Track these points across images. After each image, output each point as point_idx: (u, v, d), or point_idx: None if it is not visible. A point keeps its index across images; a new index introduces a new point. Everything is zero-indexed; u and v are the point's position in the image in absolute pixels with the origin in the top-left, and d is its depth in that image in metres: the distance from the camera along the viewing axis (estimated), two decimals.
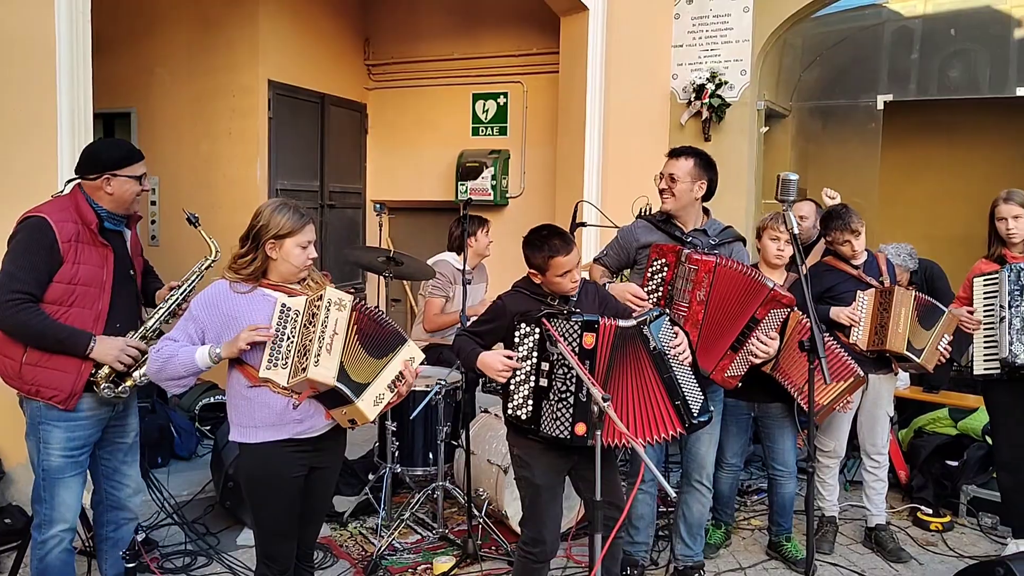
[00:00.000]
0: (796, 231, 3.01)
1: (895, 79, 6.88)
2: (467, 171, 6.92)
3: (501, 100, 7.04)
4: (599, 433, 2.47)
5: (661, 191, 3.50)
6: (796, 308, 3.64)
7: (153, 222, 6.61)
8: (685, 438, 3.23)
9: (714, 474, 4.15)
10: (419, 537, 4.28)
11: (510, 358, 2.91)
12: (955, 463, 4.74)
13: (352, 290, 2.87)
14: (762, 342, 3.30)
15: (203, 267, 3.26)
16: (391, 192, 7.50)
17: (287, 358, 2.65)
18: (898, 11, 7.49)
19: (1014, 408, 3.96)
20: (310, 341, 2.61)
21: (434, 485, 4.25)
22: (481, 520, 4.16)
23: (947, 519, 4.54)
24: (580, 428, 2.77)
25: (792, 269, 3.85)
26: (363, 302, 2.79)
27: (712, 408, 3.03)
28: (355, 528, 4.40)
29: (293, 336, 2.66)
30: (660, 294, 3.33)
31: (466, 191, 6.87)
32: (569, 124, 6.20)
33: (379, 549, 3.98)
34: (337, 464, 3.03)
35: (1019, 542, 4.12)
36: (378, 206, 5.95)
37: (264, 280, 2.79)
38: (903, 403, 5.49)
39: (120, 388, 3.05)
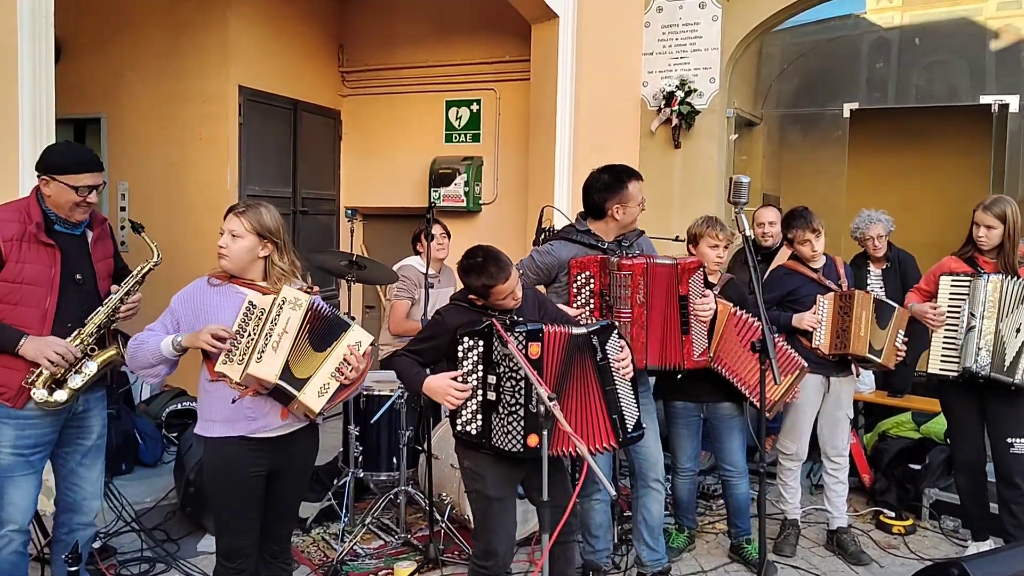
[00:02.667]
0: (749, 232, 3.02)
1: (868, 88, 6.96)
2: (440, 178, 6.93)
3: (474, 107, 7.06)
4: (545, 433, 2.48)
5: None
6: (739, 307, 3.71)
7: (122, 228, 6.57)
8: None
9: (672, 481, 4.19)
10: (382, 543, 4.27)
11: (456, 379, 2.85)
12: (918, 466, 4.77)
13: (307, 290, 2.86)
14: (700, 307, 3.47)
15: (143, 271, 3.22)
16: (365, 199, 7.49)
17: (243, 354, 2.67)
18: (875, 22, 7.59)
19: (970, 411, 3.99)
20: (261, 338, 2.63)
21: (396, 490, 4.24)
22: (444, 525, 4.15)
23: (910, 522, 4.56)
24: (532, 440, 2.73)
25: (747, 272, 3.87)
26: (319, 302, 2.79)
27: (646, 424, 3.05)
28: (318, 534, 4.37)
29: (253, 333, 2.68)
30: (593, 306, 3.36)
31: (439, 197, 6.88)
32: (540, 131, 6.23)
33: (339, 554, 3.96)
34: (303, 469, 3.03)
35: (979, 544, 4.15)
36: (349, 212, 5.96)
37: (238, 278, 2.81)
38: (868, 407, 5.54)
39: (54, 396, 2.98)
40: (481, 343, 2.83)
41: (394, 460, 4.34)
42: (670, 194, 6.19)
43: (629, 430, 2.90)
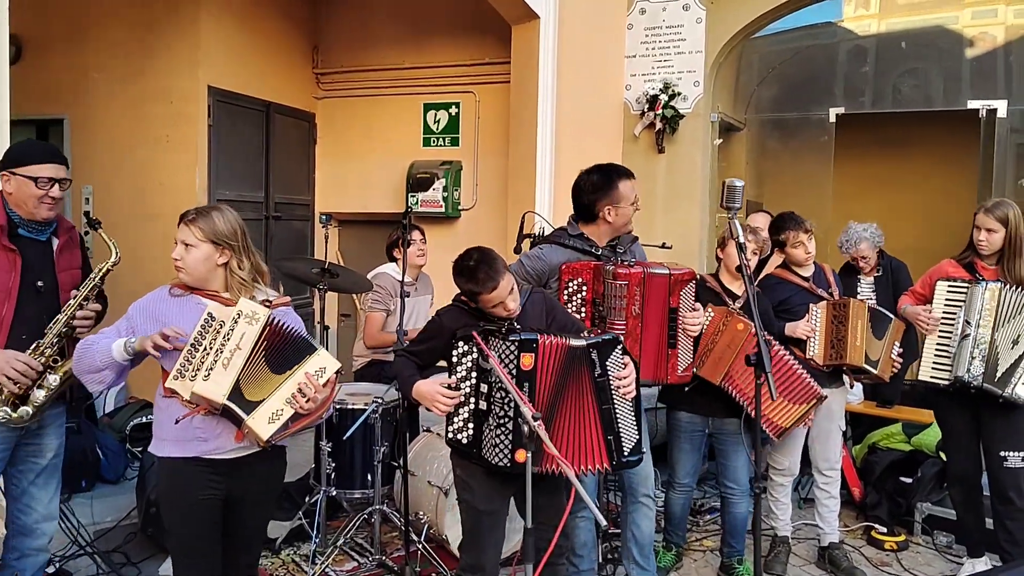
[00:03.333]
0: (742, 240, 2.88)
1: (849, 94, 6.88)
2: (418, 182, 6.74)
3: (453, 110, 6.89)
4: (529, 455, 2.31)
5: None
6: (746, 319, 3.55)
7: (86, 233, 6.31)
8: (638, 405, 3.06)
9: (666, 495, 4.03)
10: (355, 564, 4.06)
11: (449, 387, 2.73)
12: (909, 480, 4.65)
13: (267, 303, 2.65)
14: (690, 321, 3.29)
15: (101, 272, 3.02)
16: (341, 204, 7.29)
17: (196, 370, 2.48)
18: (852, 29, 7.52)
19: (964, 422, 3.87)
20: (212, 354, 2.44)
21: (370, 509, 4.03)
22: (420, 546, 3.95)
23: (902, 538, 4.43)
24: (520, 455, 2.57)
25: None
26: (279, 318, 2.59)
27: (645, 449, 2.90)
28: (288, 556, 4.16)
29: (209, 348, 2.49)
30: (584, 315, 3.19)
31: (417, 203, 6.69)
32: (521, 135, 6.06)
33: None
34: (266, 495, 2.83)
35: (975, 561, 4.02)
36: (324, 217, 5.73)
37: (202, 290, 2.62)
38: (857, 418, 5.40)
39: (18, 412, 2.87)
40: (475, 349, 2.69)
41: (368, 477, 4.14)
42: (654, 200, 6.04)
43: (625, 453, 2.73)
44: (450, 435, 2.77)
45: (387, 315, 4.59)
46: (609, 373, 2.69)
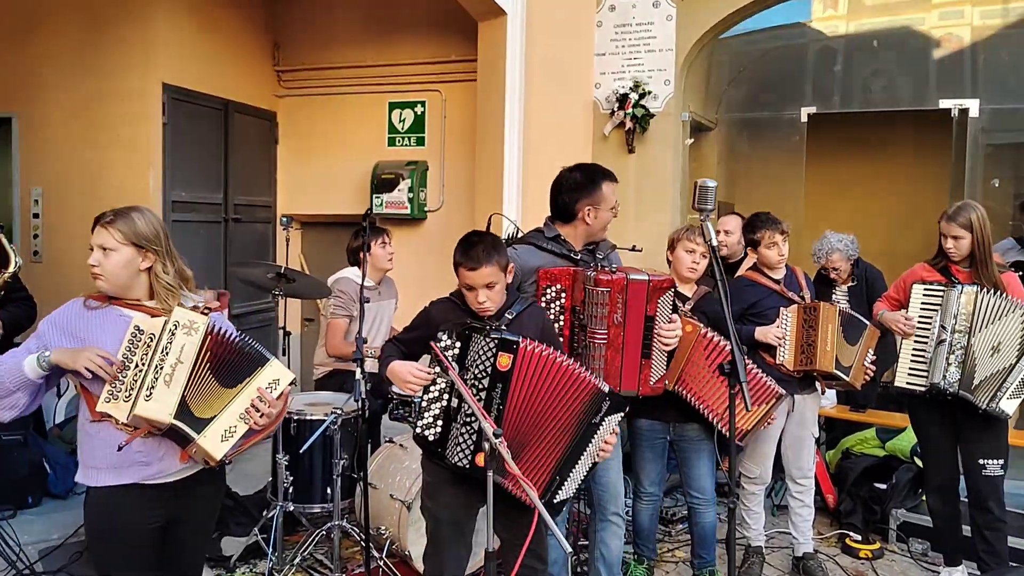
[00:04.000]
0: (715, 243, 2.75)
1: (819, 94, 6.82)
2: (383, 183, 6.55)
3: (419, 109, 6.71)
4: (491, 472, 2.16)
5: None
6: (711, 327, 3.42)
7: (35, 236, 6.07)
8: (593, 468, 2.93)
9: (633, 505, 3.90)
10: None
11: (421, 370, 2.66)
12: (884, 486, 4.56)
13: (203, 311, 2.46)
14: (666, 331, 3.14)
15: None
16: (303, 206, 7.07)
17: (130, 390, 2.29)
18: (821, 30, 7.47)
19: (941, 429, 3.78)
20: (151, 371, 2.26)
21: (330, 524, 3.86)
22: (381, 562, 3.79)
23: (876, 546, 4.35)
24: (480, 458, 2.48)
25: (712, 285, 3.61)
26: (220, 326, 2.41)
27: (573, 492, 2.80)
28: (243, 573, 3.97)
29: (141, 364, 2.30)
30: (563, 323, 3.04)
31: (381, 204, 6.51)
32: (487, 134, 5.90)
33: None
34: (207, 516, 2.66)
35: (952, 570, 3.94)
36: (284, 219, 5.54)
37: (122, 299, 2.42)
38: (830, 423, 5.32)
39: None
40: (458, 343, 2.60)
41: (328, 491, 3.96)
42: (624, 201, 5.82)
43: (556, 499, 2.63)
44: (418, 430, 2.66)
45: (350, 321, 4.42)
46: (600, 429, 2.61)
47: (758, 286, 3.90)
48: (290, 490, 3.95)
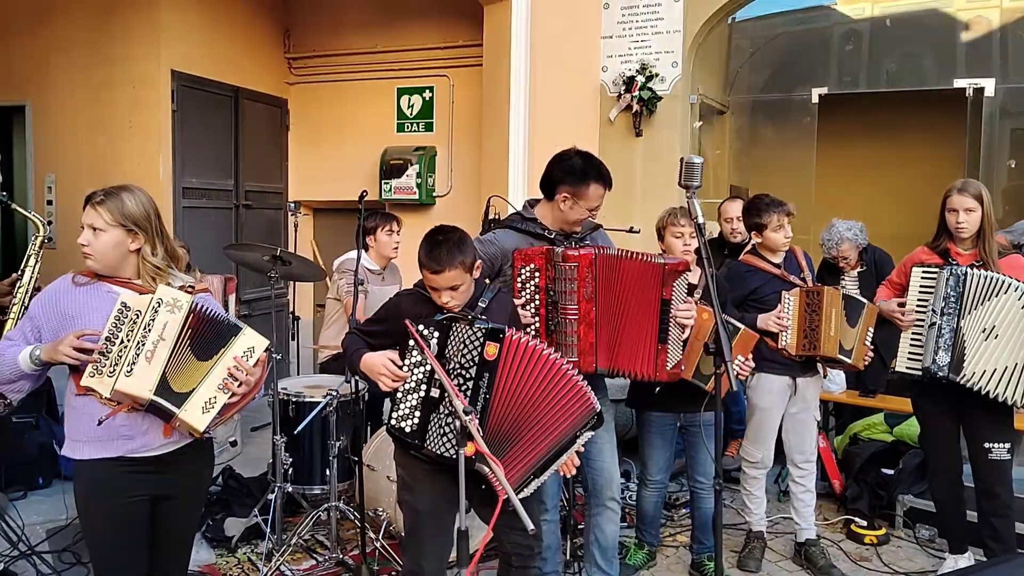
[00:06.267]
0: (701, 220, 2.71)
1: (833, 75, 6.72)
2: (391, 169, 6.57)
3: (427, 95, 6.71)
4: (462, 450, 2.15)
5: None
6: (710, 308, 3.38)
7: (49, 222, 6.15)
8: (584, 453, 2.91)
9: (638, 491, 3.88)
10: (314, 562, 3.91)
11: (401, 367, 2.59)
12: (891, 471, 4.49)
13: (187, 289, 2.47)
14: (683, 314, 3.08)
15: (34, 246, 2.87)
16: (314, 192, 7.11)
17: (114, 365, 2.31)
18: (846, 14, 7.35)
19: (944, 414, 3.70)
20: (132, 347, 2.27)
21: (326, 506, 3.88)
22: (379, 544, 3.80)
23: (882, 532, 4.27)
24: (468, 448, 2.42)
25: (699, 264, 3.55)
26: (202, 304, 2.42)
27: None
28: (243, 554, 4.01)
29: (127, 340, 2.32)
30: (538, 303, 3.01)
31: (390, 190, 6.52)
32: (494, 119, 5.88)
33: None
34: (196, 491, 2.67)
35: (956, 557, 3.86)
36: (292, 205, 5.59)
37: (112, 277, 2.44)
38: (840, 408, 5.25)
39: None
40: (436, 334, 2.55)
41: (328, 472, 3.98)
42: (631, 184, 5.87)
43: (518, 494, 2.56)
44: (393, 422, 2.61)
45: (365, 296, 4.41)
46: (576, 443, 2.60)
47: (758, 272, 3.83)
48: (289, 472, 3.97)
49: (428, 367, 2.56)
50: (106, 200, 2.41)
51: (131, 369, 2.26)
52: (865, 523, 4.34)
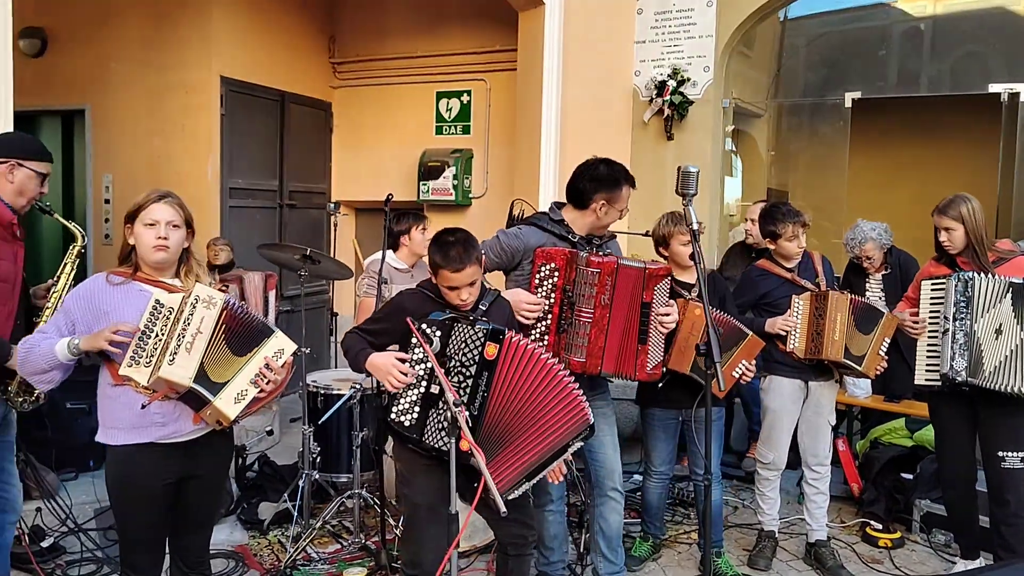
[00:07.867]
0: (696, 227, 2.82)
1: (870, 79, 6.67)
2: (429, 171, 6.77)
3: (464, 98, 6.89)
4: (453, 440, 2.30)
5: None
6: (719, 308, 3.49)
7: (107, 220, 6.52)
8: (585, 446, 3.04)
9: (643, 483, 3.99)
10: (339, 547, 4.12)
11: (403, 361, 2.72)
12: (910, 476, 4.50)
13: (219, 287, 2.69)
14: (663, 316, 3.24)
15: (71, 255, 3.13)
16: (356, 192, 7.36)
17: (151, 356, 2.52)
18: (907, 11, 7.27)
19: (959, 421, 3.72)
20: (173, 339, 2.48)
21: (349, 493, 4.08)
22: (399, 531, 3.97)
23: (897, 535, 4.30)
24: (464, 444, 2.54)
25: (736, 267, 3.66)
26: (235, 301, 2.63)
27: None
28: (274, 537, 4.24)
29: (161, 334, 2.53)
30: (553, 301, 3.15)
31: (428, 191, 6.71)
32: (526, 123, 6.03)
33: (288, 558, 3.83)
34: (218, 472, 2.88)
35: (967, 563, 3.88)
36: (331, 205, 5.81)
37: (141, 273, 2.66)
38: (865, 413, 5.26)
39: (34, 396, 3.06)
40: (438, 333, 2.68)
41: (353, 462, 4.19)
42: (663, 188, 5.93)
43: (508, 498, 2.64)
44: (393, 416, 2.73)
45: (389, 294, 4.61)
46: (567, 451, 2.70)
47: (771, 276, 3.91)
48: (317, 460, 4.18)
49: (429, 364, 2.68)
50: (173, 199, 2.63)
51: (173, 359, 2.46)
52: (880, 526, 4.36)
